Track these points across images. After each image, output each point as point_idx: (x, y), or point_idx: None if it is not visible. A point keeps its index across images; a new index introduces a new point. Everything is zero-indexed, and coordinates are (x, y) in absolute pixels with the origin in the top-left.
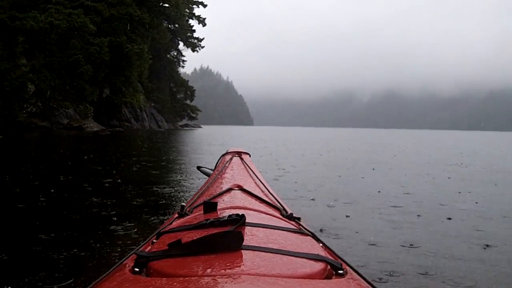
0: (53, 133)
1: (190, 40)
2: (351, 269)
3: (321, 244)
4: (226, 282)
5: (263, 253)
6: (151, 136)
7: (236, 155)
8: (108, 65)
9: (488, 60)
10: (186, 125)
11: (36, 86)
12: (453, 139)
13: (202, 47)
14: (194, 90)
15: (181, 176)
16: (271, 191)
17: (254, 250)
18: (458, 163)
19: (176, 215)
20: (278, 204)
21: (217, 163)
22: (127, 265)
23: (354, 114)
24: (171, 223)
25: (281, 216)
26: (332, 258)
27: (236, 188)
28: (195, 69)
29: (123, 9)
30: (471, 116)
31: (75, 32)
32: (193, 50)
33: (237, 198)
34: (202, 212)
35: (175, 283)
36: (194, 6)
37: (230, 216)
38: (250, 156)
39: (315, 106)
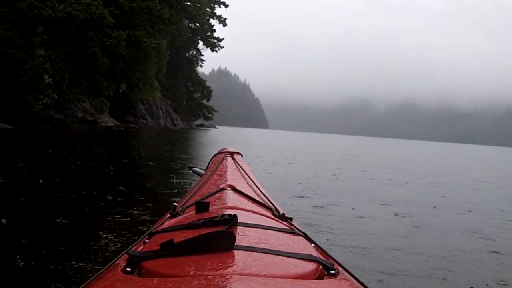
0: (66, 126)
1: (210, 39)
2: (343, 269)
3: (313, 244)
4: (218, 282)
5: (255, 253)
6: (164, 134)
7: (229, 155)
8: (125, 59)
9: (507, 76)
10: (201, 125)
11: (51, 76)
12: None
13: (222, 47)
14: (211, 90)
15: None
16: (263, 191)
17: (246, 250)
18: None
19: (168, 215)
20: (270, 204)
21: (209, 163)
22: (119, 265)
23: (368, 123)
24: (163, 223)
25: (273, 216)
26: (324, 258)
27: (228, 188)
28: (213, 69)
29: (143, 2)
30: (487, 131)
31: (93, 24)
32: (213, 50)
33: (229, 198)
34: (194, 212)
35: (167, 283)
36: (216, 5)
37: (222, 216)
38: (242, 156)
39: (330, 113)
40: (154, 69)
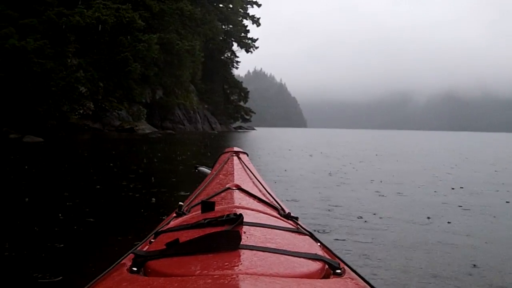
0: (102, 135)
1: (244, 40)
2: (349, 269)
3: (319, 244)
4: (224, 282)
5: (261, 253)
6: (202, 139)
7: (234, 154)
8: (158, 64)
9: None
10: (240, 127)
11: (83, 85)
12: None
13: (256, 47)
14: (248, 91)
15: None
16: (269, 190)
17: (251, 250)
18: None
19: (174, 214)
20: (276, 204)
21: (214, 162)
22: (125, 265)
23: (410, 116)
24: (168, 223)
25: (279, 216)
26: (330, 258)
27: (234, 188)
28: (248, 71)
29: (174, 4)
30: None
31: (123, 29)
32: (247, 51)
33: (235, 197)
34: (199, 211)
35: (173, 283)
36: (248, 6)
37: (227, 215)
38: (248, 155)
39: (370, 108)
40: (188, 72)
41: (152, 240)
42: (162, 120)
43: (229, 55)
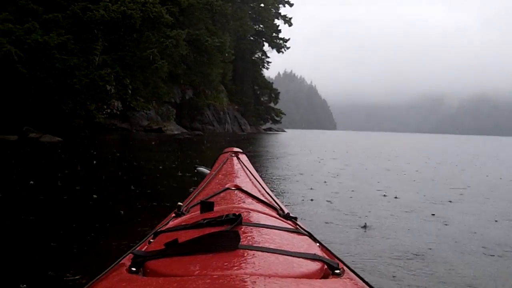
0: (129, 135)
1: (275, 40)
2: (348, 269)
3: (318, 244)
4: (223, 282)
5: (260, 253)
6: (232, 141)
7: (233, 154)
8: (186, 61)
9: None
10: (270, 129)
11: (107, 82)
12: None
13: (288, 48)
14: (279, 92)
15: None
16: (268, 190)
17: (251, 250)
18: None
19: (173, 214)
20: (275, 204)
21: (214, 163)
22: (124, 265)
23: (442, 120)
24: (167, 223)
25: (278, 216)
26: (329, 258)
27: (233, 188)
28: (278, 73)
29: None
30: None
31: (150, 24)
32: (278, 51)
33: (234, 197)
34: (199, 211)
35: (172, 283)
36: (280, 5)
37: (227, 215)
38: (246, 155)
39: (400, 111)
40: (218, 71)
41: (151, 240)
42: (192, 120)
43: (260, 55)
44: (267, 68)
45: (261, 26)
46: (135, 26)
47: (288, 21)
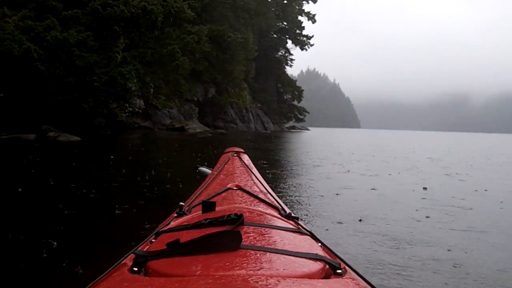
0: (151, 133)
1: (298, 37)
2: (349, 269)
3: (319, 244)
4: (225, 282)
5: (262, 253)
6: (255, 139)
7: (235, 154)
8: (208, 58)
9: None
10: (293, 127)
11: (127, 80)
12: None
13: (311, 45)
14: (302, 90)
15: None
16: (269, 190)
17: (252, 250)
18: None
19: (175, 214)
20: (277, 204)
21: (215, 162)
22: (125, 265)
23: (467, 118)
24: (169, 223)
25: (279, 216)
26: (331, 258)
27: (235, 188)
28: (301, 71)
29: None
30: None
31: (171, 19)
32: (302, 48)
33: (236, 197)
34: (200, 211)
35: (173, 283)
36: (304, 1)
37: (228, 215)
38: (248, 155)
39: (424, 109)
40: (241, 68)
41: (152, 240)
42: (214, 119)
43: (283, 52)
44: (291, 66)
45: (285, 23)
46: (156, 22)
47: (311, 17)
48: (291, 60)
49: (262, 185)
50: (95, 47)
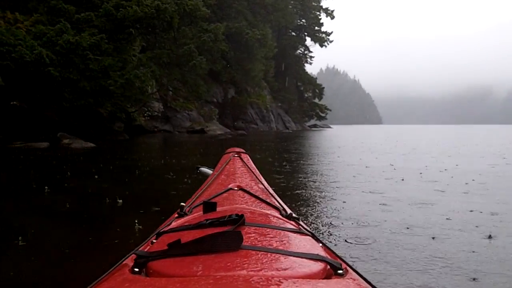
0: (171, 137)
1: (317, 34)
2: (350, 269)
3: (320, 244)
4: (225, 282)
5: (263, 253)
6: (277, 139)
7: (236, 155)
8: (226, 57)
9: None
10: (315, 126)
11: (143, 82)
12: None
13: (331, 41)
14: (323, 87)
15: None
16: (270, 191)
17: (253, 250)
18: None
19: (176, 215)
20: (278, 204)
21: (216, 163)
22: (126, 265)
23: (489, 111)
24: (170, 223)
25: (280, 216)
26: (332, 258)
27: (236, 188)
28: (321, 69)
29: None
30: None
31: (186, 18)
32: (321, 45)
33: (237, 198)
34: (201, 212)
35: (175, 283)
36: None
37: (229, 216)
38: (249, 156)
39: (446, 103)
40: (260, 67)
41: (153, 240)
42: (234, 119)
43: (302, 50)
44: (310, 63)
45: (303, 20)
46: (172, 22)
47: (330, 13)
48: (311, 57)
49: (263, 185)
50: (110, 50)
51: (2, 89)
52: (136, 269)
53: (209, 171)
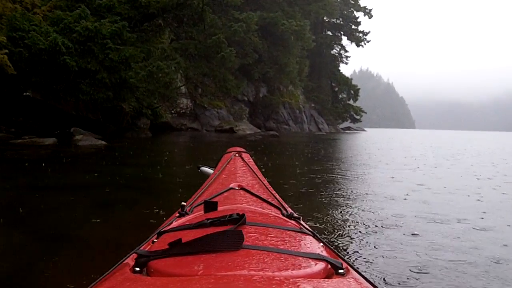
0: (197, 136)
1: (354, 33)
2: (351, 269)
3: (321, 244)
4: (226, 282)
5: (264, 253)
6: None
7: (237, 154)
8: (258, 49)
9: None
10: (348, 128)
11: (166, 75)
12: None
13: (368, 41)
14: (358, 89)
15: None
16: (271, 190)
17: (254, 250)
18: None
19: (177, 214)
20: (279, 204)
21: (217, 162)
22: (127, 265)
23: None
24: (171, 223)
25: (281, 216)
26: (333, 258)
27: (237, 188)
28: (354, 71)
29: None
30: None
31: (215, 6)
32: (358, 45)
33: (238, 197)
34: (202, 211)
35: (175, 283)
36: None
37: (230, 215)
38: (250, 155)
39: (484, 108)
40: (295, 60)
41: (154, 240)
42: (266, 119)
43: (338, 49)
44: (346, 63)
45: (340, 19)
46: (201, 9)
47: (368, 12)
48: (347, 57)
49: (264, 185)
50: (133, 39)
51: (14, 79)
52: (137, 269)
53: (210, 171)
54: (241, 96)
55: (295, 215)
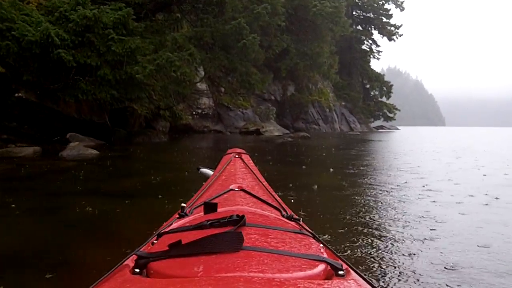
0: (220, 139)
1: (386, 27)
2: (351, 270)
3: (321, 245)
4: (226, 283)
5: (264, 254)
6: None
7: (237, 155)
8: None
9: None
10: (381, 127)
11: (178, 69)
12: None
13: (400, 35)
14: (391, 85)
15: None
16: (271, 191)
17: (254, 251)
18: None
19: (177, 215)
20: (279, 205)
21: (217, 164)
22: (127, 266)
23: None
24: (171, 224)
25: (281, 217)
26: (333, 259)
27: (237, 189)
28: (382, 69)
29: None
30: None
31: None
32: (390, 39)
33: (238, 198)
34: (202, 213)
35: (175, 284)
36: None
37: (230, 216)
38: (250, 156)
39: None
40: (328, 48)
41: (154, 241)
42: (294, 119)
43: (369, 44)
44: (378, 59)
45: (370, 14)
46: None
47: (400, 5)
48: (378, 52)
49: (264, 186)
50: (140, 29)
51: (3, 78)
52: (137, 270)
53: (210, 172)
54: (267, 95)
55: (295, 216)
